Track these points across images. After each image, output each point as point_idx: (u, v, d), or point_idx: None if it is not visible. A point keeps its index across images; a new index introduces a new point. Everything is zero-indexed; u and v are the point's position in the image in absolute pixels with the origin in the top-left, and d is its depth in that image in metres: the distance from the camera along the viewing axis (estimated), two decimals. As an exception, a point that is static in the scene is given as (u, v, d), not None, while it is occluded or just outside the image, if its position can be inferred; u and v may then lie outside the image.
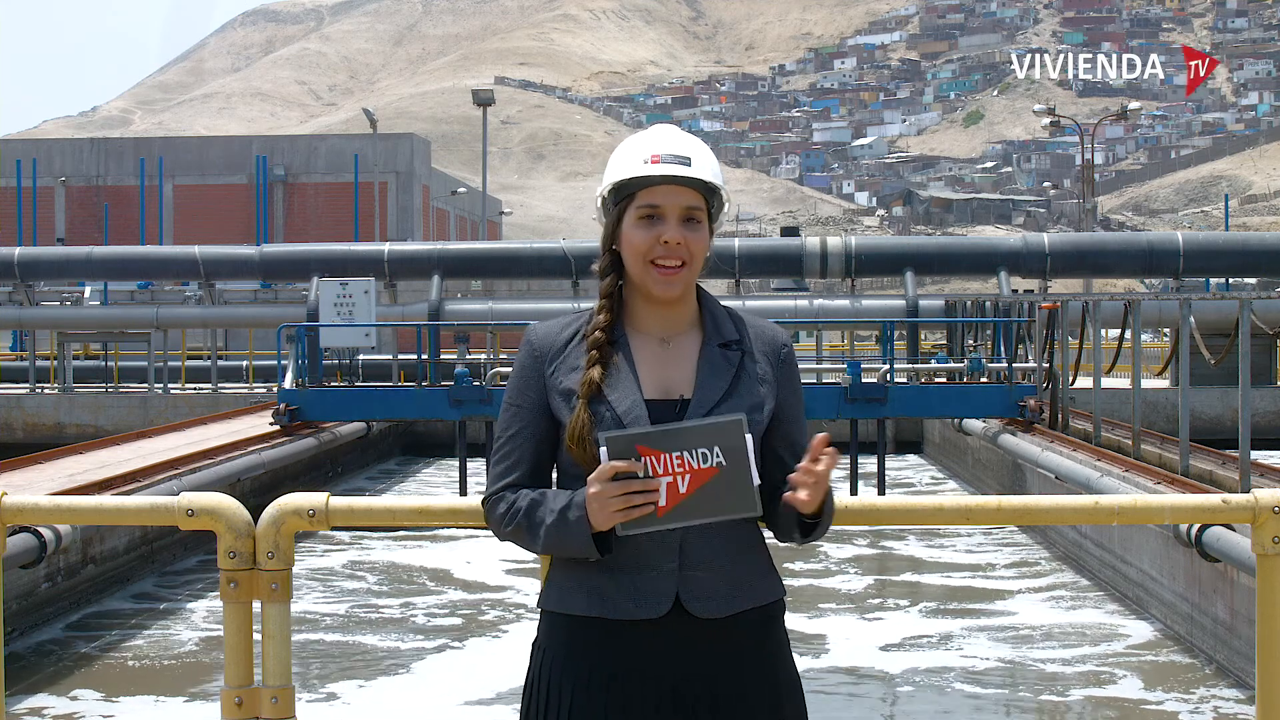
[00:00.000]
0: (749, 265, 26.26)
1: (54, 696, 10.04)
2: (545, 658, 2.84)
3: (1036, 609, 12.83)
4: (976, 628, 12.05)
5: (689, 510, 2.64)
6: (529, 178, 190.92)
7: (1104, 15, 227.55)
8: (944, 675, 10.51)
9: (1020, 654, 11.12)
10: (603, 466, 2.64)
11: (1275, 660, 3.10)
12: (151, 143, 53.22)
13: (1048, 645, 11.41)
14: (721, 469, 2.64)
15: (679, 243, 2.79)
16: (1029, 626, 12.12)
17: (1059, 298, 19.98)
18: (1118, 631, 11.85)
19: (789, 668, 2.87)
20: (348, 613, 12.81)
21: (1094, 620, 12.30)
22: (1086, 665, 10.79)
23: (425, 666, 10.91)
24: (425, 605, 13.14)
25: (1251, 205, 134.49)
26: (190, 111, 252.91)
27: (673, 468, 2.63)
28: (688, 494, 2.63)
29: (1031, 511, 3.43)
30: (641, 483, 2.63)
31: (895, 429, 25.56)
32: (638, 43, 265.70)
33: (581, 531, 2.69)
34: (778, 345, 2.90)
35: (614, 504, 2.63)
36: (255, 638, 3.09)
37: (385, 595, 13.61)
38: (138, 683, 10.46)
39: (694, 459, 2.63)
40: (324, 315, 22.46)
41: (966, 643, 11.50)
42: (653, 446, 2.64)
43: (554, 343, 2.86)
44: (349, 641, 11.70)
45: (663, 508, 2.64)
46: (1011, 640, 11.60)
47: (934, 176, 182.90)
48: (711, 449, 2.63)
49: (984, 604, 13.05)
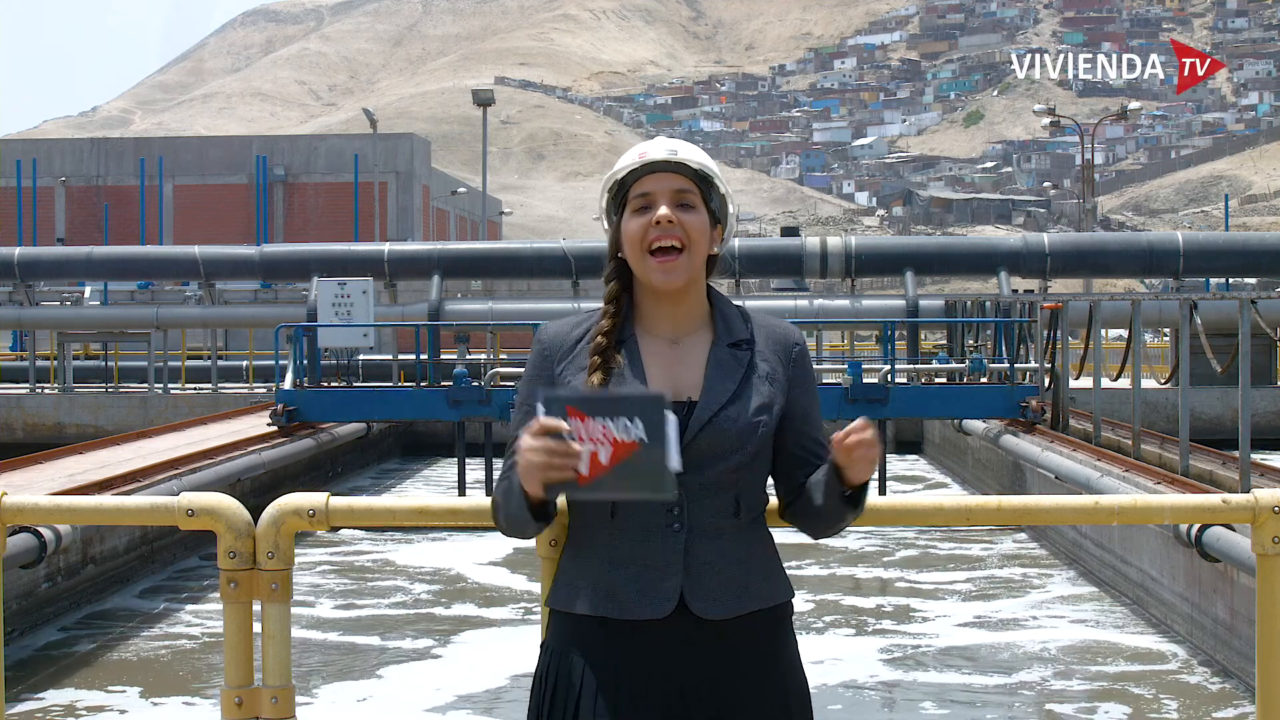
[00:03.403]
0: (749, 265, 26.26)
1: (54, 696, 10.04)
2: (553, 657, 2.83)
3: (1036, 609, 12.83)
4: (976, 628, 12.05)
5: (608, 484, 2.59)
6: (529, 178, 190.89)
7: (1104, 15, 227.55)
8: (943, 676, 10.51)
9: (1019, 654, 11.11)
10: (532, 422, 2.61)
11: (1275, 660, 3.10)
12: (151, 143, 53.25)
13: (1047, 645, 11.41)
14: (642, 445, 2.58)
15: (671, 220, 2.80)
16: (1028, 626, 12.12)
17: (1059, 298, 19.97)
18: (1118, 632, 11.85)
19: (796, 670, 2.86)
20: (348, 612, 12.81)
21: (1094, 620, 12.30)
22: (1086, 665, 10.79)
23: (426, 666, 10.91)
24: (425, 605, 13.15)
25: (1251, 205, 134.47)
26: (190, 111, 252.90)
27: (597, 436, 2.58)
28: (609, 466, 2.58)
29: (1031, 511, 3.43)
30: (563, 445, 2.58)
31: (895, 429, 25.56)
32: (638, 43, 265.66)
33: (520, 494, 2.69)
34: (789, 344, 2.90)
35: (536, 460, 2.59)
36: (255, 638, 3.09)
37: (385, 595, 13.61)
38: (138, 683, 10.46)
39: (616, 429, 2.58)
40: (322, 315, 22.44)
41: (966, 643, 11.50)
42: (580, 410, 2.59)
43: (564, 342, 2.87)
44: (349, 641, 11.70)
45: (584, 476, 2.59)
46: (1011, 640, 11.60)
47: (934, 176, 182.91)
48: (634, 421, 2.58)
49: (984, 604, 13.05)
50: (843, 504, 2.78)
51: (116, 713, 9.73)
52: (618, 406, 2.59)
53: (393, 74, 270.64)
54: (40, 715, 9.61)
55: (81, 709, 9.78)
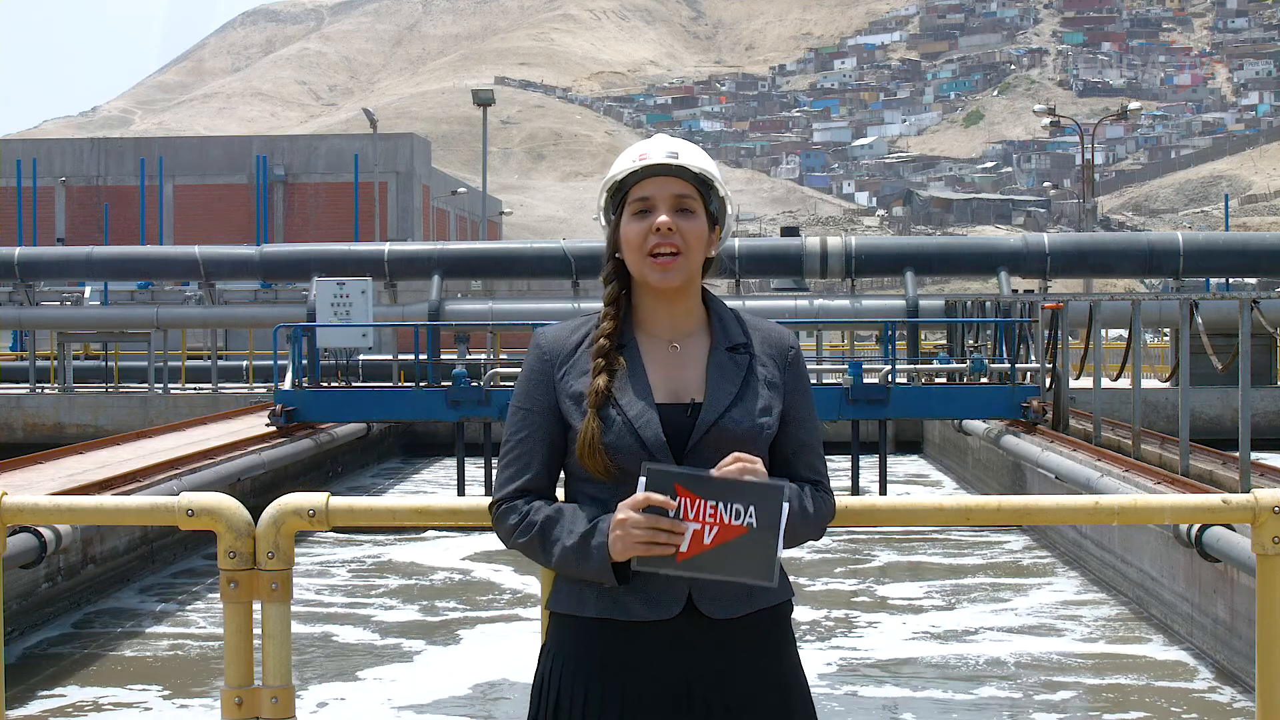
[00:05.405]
0: (749, 265, 26.26)
1: (54, 697, 10.04)
2: (554, 661, 2.82)
3: (1036, 609, 12.82)
4: (975, 628, 12.05)
5: (707, 563, 2.62)
6: (529, 178, 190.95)
7: (1104, 15, 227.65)
8: (943, 675, 10.51)
9: (1019, 654, 11.11)
10: (638, 495, 2.63)
11: (1275, 660, 3.10)
12: (151, 143, 53.26)
13: (1047, 645, 11.41)
14: (750, 530, 2.61)
15: (671, 228, 2.80)
16: (1028, 626, 12.12)
17: (1060, 297, 19.96)
18: (1117, 632, 11.85)
19: (797, 669, 2.87)
20: (348, 612, 12.80)
21: (1094, 620, 12.29)
22: (1086, 665, 10.79)
23: (426, 666, 10.91)
24: (425, 605, 13.14)
25: (1251, 205, 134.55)
26: (190, 111, 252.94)
27: (704, 516, 2.61)
28: (710, 546, 2.61)
29: (1031, 511, 3.43)
30: (670, 523, 2.61)
31: (895, 429, 25.55)
32: (638, 43, 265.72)
33: (601, 558, 2.68)
34: (785, 347, 2.90)
35: (638, 536, 2.62)
36: (255, 638, 3.09)
37: (385, 595, 13.61)
38: (138, 683, 10.46)
39: (727, 513, 2.61)
40: (321, 315, 22.41)
41: (965, 643, 11.50)
42: (689, 489, 2.61)
43: (564, 346, 2.86)
44: (349, 641, 11.70)
45: (683, 553, 2.62)
46: (1011, 640, 11.60)
47: (934, 176, 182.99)
48: (747, 508, 2.61)
49: (984, 604, 13.05)
50: None
51: (116, 713, 9.73)
52: (731, 491, 2.62)
53: (393, 74, 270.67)
54: (40, 715, 9.61)
55: (81, 709, 9.78)
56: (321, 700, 9.88)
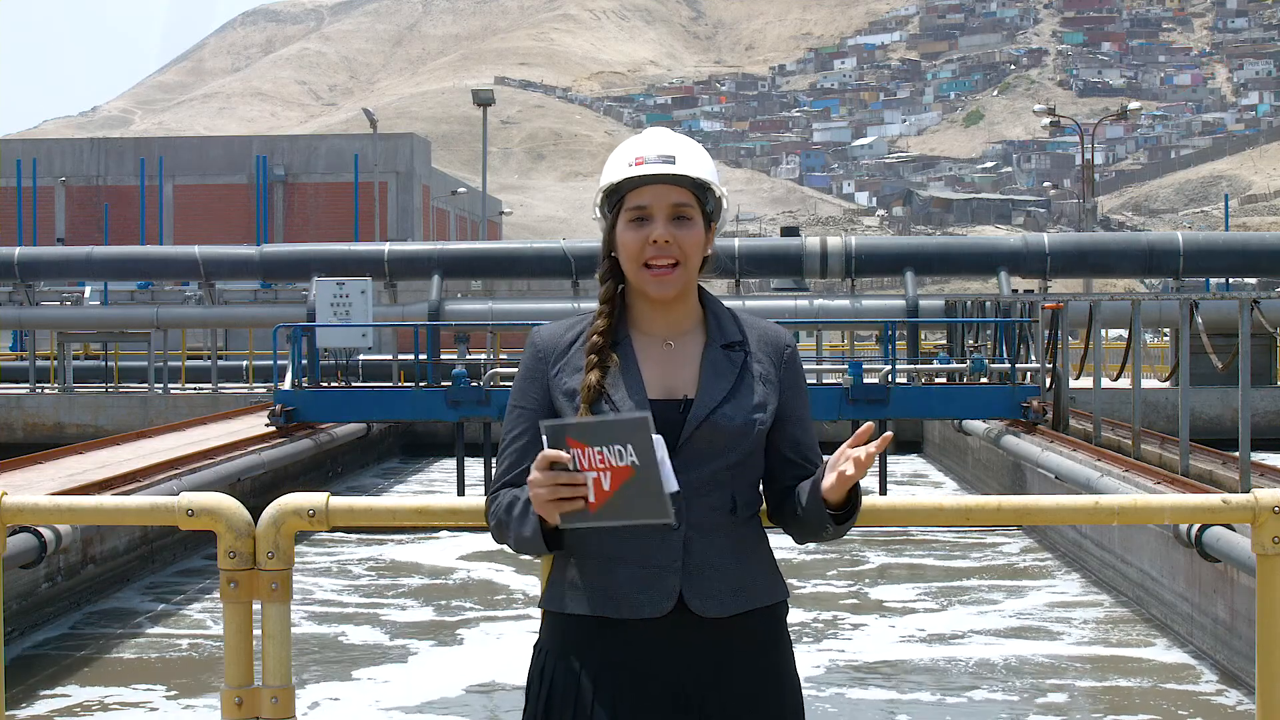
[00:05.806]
0: (749, 265, 26.24)
1: (54, 697, 10.04)
2: (547, 658, 2.83)
3: (1036, 609, 12.82)
4: (975, 628, 12.05)
5: (614, 510, 2.60)
6: (529, 178, 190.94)
7: (1104, 15, 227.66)
8: (943, 676, 10.51)
9: (1019, 653, 11.11)
10: (540, 454, 2.63)
11: (1275, 660, 3.10)
12: (151, 143, 53.24)
13: (1047, 645, 11.41)
14: (635, 469, 2.59)
15: (668, 241, 2.79)
16: (1028, 626, 12.12)
17: (1060, 297, 19.96)
18: (1117, 632, 11.85)
19: (790, 669, 2.87)
20: (348, 612, 12.80)
21: (1093, 620, 12.29)
22: (1086, 665, 10.79)
23: (425, 666, 10.91)
24: (425, 605, 13.14)
25: (1251, 205, 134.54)
26: (190, 111, 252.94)
27: (595, 463, 2.60)
28: (611, 492, 2.60)
29: (1031, 511, 3.43)
30: (568, 475, 2.60)
31: (894, 429, 25.52)
32: (638, 43, 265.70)
33: (534, 524, 2.71)
34: (781, 346, 2.90)
35: (544, 494, 2.62)
36: (255, 638, 3.09)
37: (385, 595, 13.61)
38: (138, 683, 10.46)
39: (612, 456, 2.59)
40: (320, 315, 22.41)
41: (964, 643, 11.50)
42: (577, 439, 2.60)
43: (558, 344, 2.86)
44: (349, 641, 11.70)
45: (593, 504, 2.61)
46: (1010, 640, 11.60)
47: (934, 176, 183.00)
48: (625, 447, 2.58)
49: (984, 605, 13.05)
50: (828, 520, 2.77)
51: (116, 713, 9.73)
52: (607, 432, 2.59)
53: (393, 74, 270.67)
54: (40, 715, 9.61)
55: (81, 709, 9.78)
56: (321, 700, 9.88)
